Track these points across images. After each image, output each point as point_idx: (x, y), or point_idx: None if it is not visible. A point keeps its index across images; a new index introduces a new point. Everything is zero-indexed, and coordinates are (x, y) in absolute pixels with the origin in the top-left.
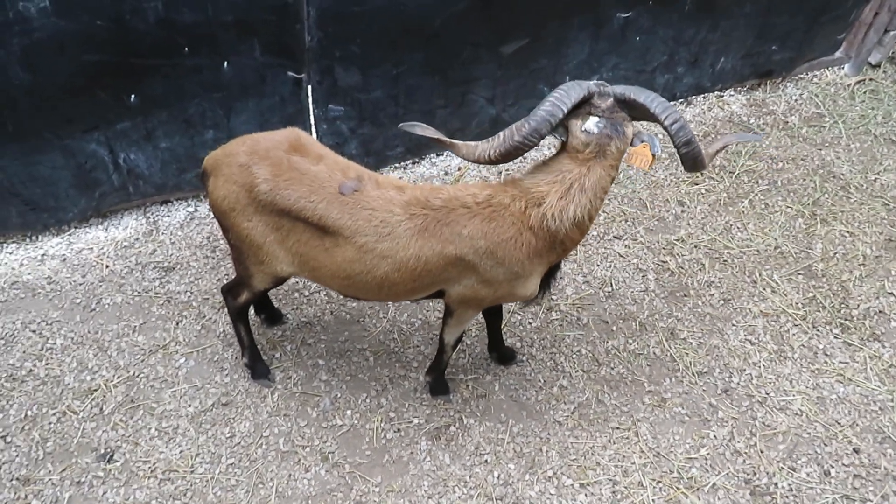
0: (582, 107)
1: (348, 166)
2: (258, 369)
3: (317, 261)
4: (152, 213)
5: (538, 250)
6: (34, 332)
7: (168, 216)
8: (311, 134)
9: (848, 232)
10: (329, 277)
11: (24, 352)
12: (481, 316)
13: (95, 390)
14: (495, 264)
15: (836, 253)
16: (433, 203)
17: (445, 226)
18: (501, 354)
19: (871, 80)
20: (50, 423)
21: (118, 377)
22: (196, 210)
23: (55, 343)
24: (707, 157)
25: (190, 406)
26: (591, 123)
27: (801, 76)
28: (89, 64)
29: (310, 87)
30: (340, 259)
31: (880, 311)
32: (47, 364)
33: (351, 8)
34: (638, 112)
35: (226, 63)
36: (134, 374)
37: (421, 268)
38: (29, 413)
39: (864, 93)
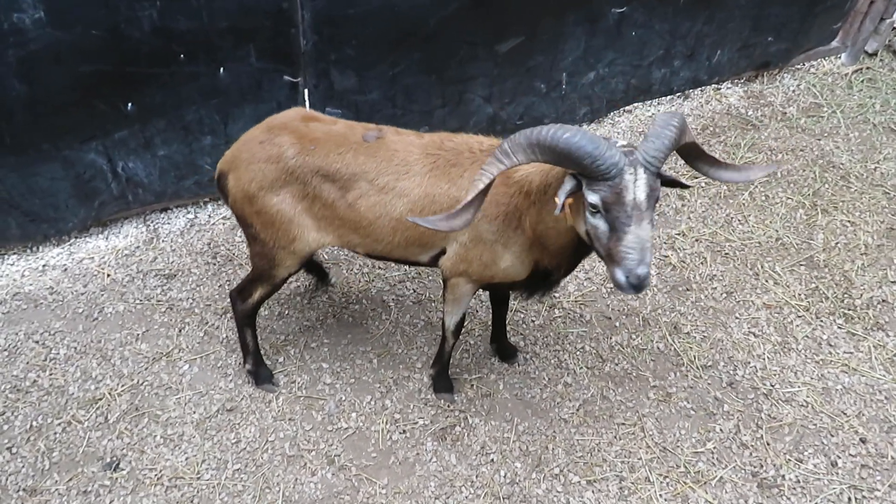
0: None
1: (366, 125)
2: (261, 374)
3: (342, 218)
4: (152, 221)
5: (508, 215)
6: (37, 342)
7: (168, 223)
8: None
9: (849, 221)
10: (352, 231)
11: (27, 363)
12: (484, 314)
13: (100, 399)
14: (482, 217)
15: (837, 243)
16: (446, 145)
17: (453, 167)
18: (502, 347)
19: (868, 68)
20: (55, 433)
21: (122, 385)
22: (196, 217)
23: (58, 353)
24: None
25: (195, 413)
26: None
27: (798, 67)
28: (86, 74)
29: (306, 91)
30: (364, 207)
31: (883, 301)
32: (51, 374)
33: (345, 11)
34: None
35: (222, 69)
36: (138, 382)
37: (428, 209)
38: (34, 424)
39: (862, 82)
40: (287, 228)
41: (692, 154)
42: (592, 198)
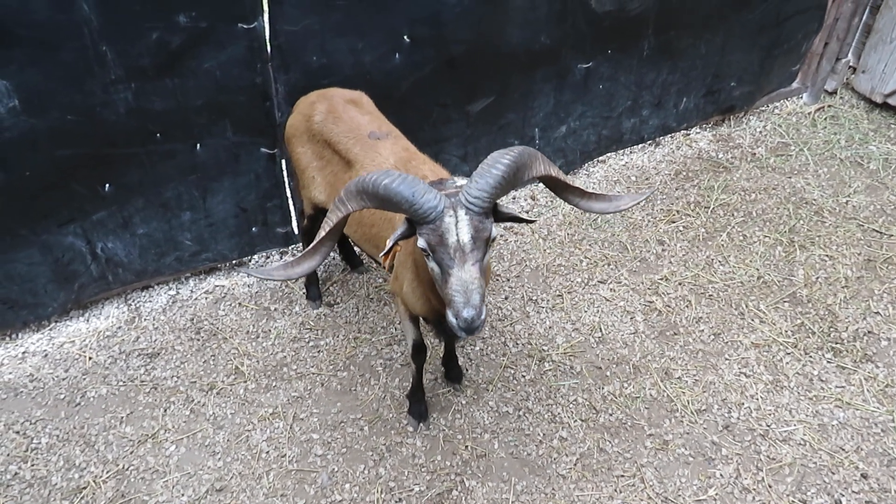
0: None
1: (388, 125)
2: (311, 293)
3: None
4: (133, 300)
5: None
6: (18, 432)
7: (150, 301)
8: (288, 204)
9: (827, 256)
10: None
11: (7, 455)
12: (473, 372)
13: (84, 488)
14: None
15: (818, 277)
16: (410, 165)
17: None
18: (449, 369)
19: (829, 106)
20: None
21: (107, 472)
22: (178, 293)
23: (40, 442)
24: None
25: (183, 495)
26: None
27: (763, 108)
28: (63, 158)
29: (283, 162)
30: None
31: (869, 332)
32: (33, 465)
33: (319, 81)
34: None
35: (198, 145)
36: (123, 467)
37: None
38: None
39: (825, 119)
40: (302, 175)
41: (557, 186)
42: (421, 241)
